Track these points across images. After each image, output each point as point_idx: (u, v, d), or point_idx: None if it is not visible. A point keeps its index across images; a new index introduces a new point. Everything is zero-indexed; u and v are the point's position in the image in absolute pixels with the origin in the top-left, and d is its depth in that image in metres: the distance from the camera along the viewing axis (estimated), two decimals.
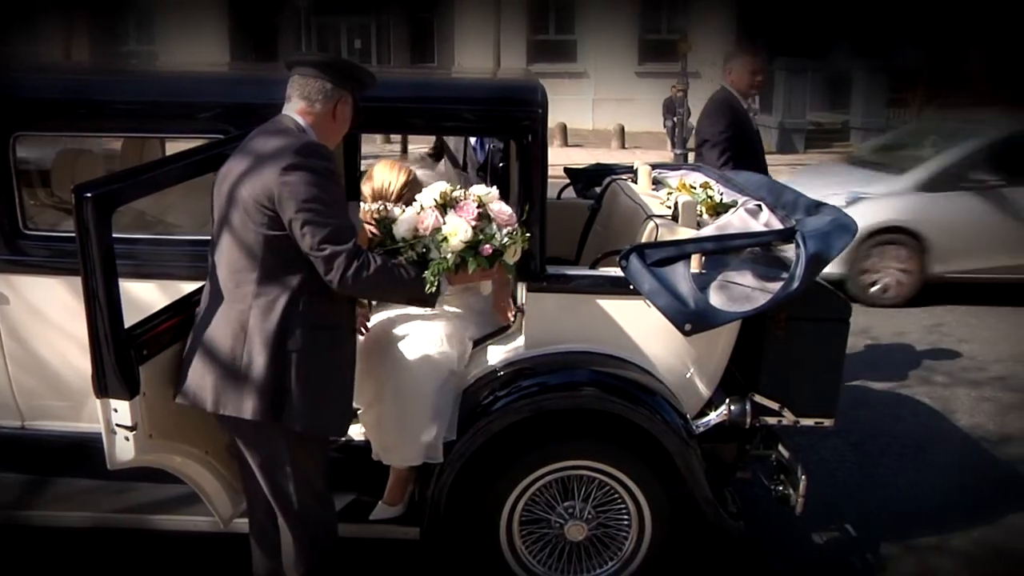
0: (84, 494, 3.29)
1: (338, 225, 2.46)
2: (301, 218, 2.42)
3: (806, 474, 3.36)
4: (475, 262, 2.68)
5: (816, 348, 3.34)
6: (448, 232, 2.66)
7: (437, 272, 2.63)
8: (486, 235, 2.71)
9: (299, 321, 2.53)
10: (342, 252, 2.44)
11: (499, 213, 2.74)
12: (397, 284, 2.60)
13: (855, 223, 3.41)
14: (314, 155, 2.47)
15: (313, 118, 2.61)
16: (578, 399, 3.22)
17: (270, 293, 2.52)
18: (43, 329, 3.25)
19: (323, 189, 2.44)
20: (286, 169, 2.42)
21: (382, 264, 2.53)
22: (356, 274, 2.45)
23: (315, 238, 2.43)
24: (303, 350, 2.54)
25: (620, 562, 3.36)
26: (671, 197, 3.62)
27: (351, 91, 2.66)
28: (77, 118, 3.27)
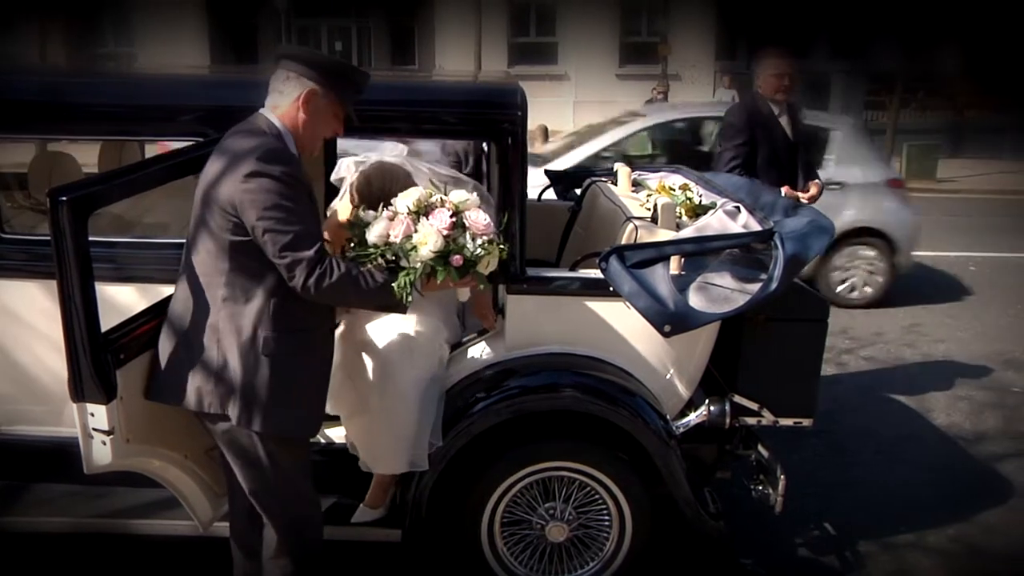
0: (63, 499, 3.25)
1: (300, 232, 2.40)
2: (262, 226, 2.38)
3: (785, 474, 3.38)
4: (443, 272, 2.55)
5: (794, 349, 3.35)
6: (418, 241, 2.54)
7: (404, 283, 2.52)
8: (457, 245, 2.57)
9: (270, 325, 2.50)
10: (303, 260, 2.39)
11: (475, 222, 2.60)
12: (362, 292, 2.51)
13: (832, 224, 3.44)
14: (275, 161, 2.41)
15: (281, 112, 2.54)
16: (558, 401, 3.22)
17: (239, 298, 2.49)
18: (20, 333, 3.22)
19: (284, 196, 2.39)
20: (247, 176, 2.38)
21: (346, 272, 2.45)
22: (318, 282, 2.41)
23: (276, 246, 2.39)
24: (274, 354, 2.51)
25: (601, 563, 3.37)
26: (650, 199, 3.63)
27: (321, 84, 2.53)
28: (54, 121, 3.23)
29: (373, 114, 3.18)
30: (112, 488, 3.22)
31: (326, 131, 2.63)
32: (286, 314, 2.51)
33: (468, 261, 2.57)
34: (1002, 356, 6.38)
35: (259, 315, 2.49)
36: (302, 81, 2.52)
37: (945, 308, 7.65)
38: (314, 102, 2.53)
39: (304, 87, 2.52)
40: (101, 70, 6.10)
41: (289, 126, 2.54)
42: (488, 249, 2.60)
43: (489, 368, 3.25)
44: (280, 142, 2.50)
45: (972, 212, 12.42)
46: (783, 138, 4.91)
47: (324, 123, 2.59)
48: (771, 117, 4.89)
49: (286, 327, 2.52)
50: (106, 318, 2.60)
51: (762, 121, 4.88)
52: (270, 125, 2.53)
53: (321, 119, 2.57)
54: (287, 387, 2.55)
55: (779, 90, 4.88)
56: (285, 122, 2.54)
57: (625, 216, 3.49)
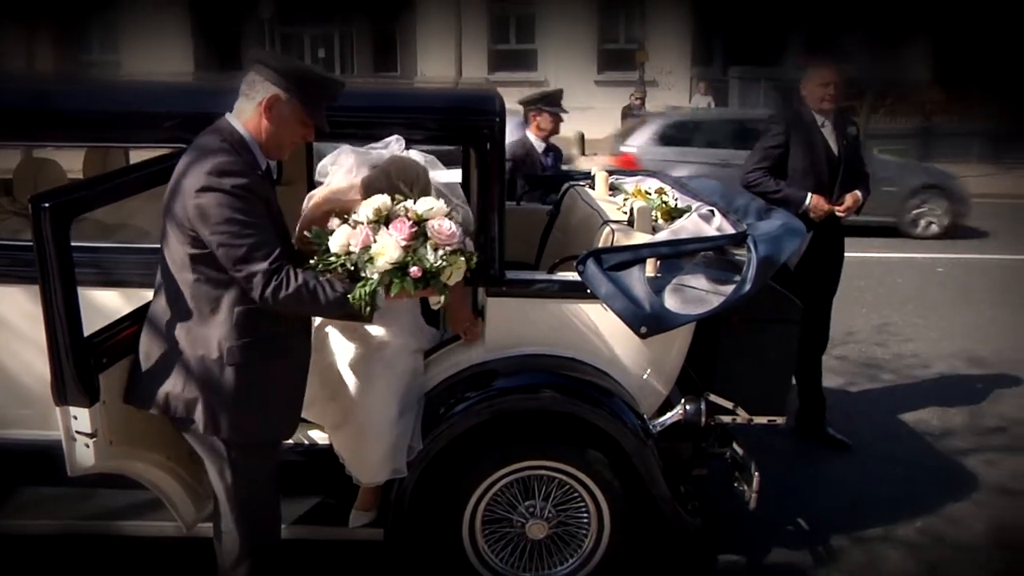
0: (50, 502, 3.24)
1: (254, 244, 2.34)
2: (216, 240, 2.34)
3: (759, 471, 3.40)
4: (399, 284, 2.41)
5: (768, 348, 3.37)
6: (375, 252, 2.41)
7: (360, 294, 2.40)
8: (416, 257, 2.43)
9: (235, 335, 2.45)
10: (257, 272, 2.34)
11: (438, 232, 2.45)
12: (320, 303, 2.42)
13: (804, 227, 3.46)
14: (227, 175, 2.34)
15: (245, 118, 2.48)
16: (538, 401, 3.22)
17: (204, 308, 2.45)
18: (6, 338, 3.19)
19: (236, 209, 2.32)
20: (198, 191, 2.33)
21: (303, 283, 2.38)
22: (274, 293, 2.35)
23: (230, 260, 2.35)
24: (239, 363, 2.47)
25: (580, 559, 3.37)
26: (627, 203, 3.64)
27: (285, 90, 2.45)
28: (39, 128, 3.20)
29: (354, 120, 3.19)
30: (99, 490, 3.20)
31: (292, 137, 2.56)
32: (252, 323, 2.46)
33: (428, 273, 2.44)
34: (968, 354, 6.44)
35: (224, 325, 2.45)
36: (267, 86, 2.45)
37: (914, 309, 7.71)
38: (278, 108, 2.46)
39: (268, 92, 2.45)
40: (85, 77, 6.05)
41: (252, 131, 2.48)
42: (450, 260, 2.46)
43: (469, 370, 3.24)
44: (236, 151, 2.42)
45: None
46: (824, 149, 4.66)
47: (289, 129, 2.52)
48: (813, 126, 4.67)
49: (252, 336, 2.47)
50: (90, 322, 2.59)
51: (803, 128, 4.68)
52: (232, 131, 2.46)
53: (285, 125, 2.50)
54: (254, 395, 2.51)
55: (824, 99, 4.64)
56: (249, 127, 2.48)
57: (602, 219, 3.50)
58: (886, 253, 7.66)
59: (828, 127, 4.68)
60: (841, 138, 4.68)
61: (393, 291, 2.41)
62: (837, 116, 4.72)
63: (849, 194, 4.64)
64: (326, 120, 2.55)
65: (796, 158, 4.65)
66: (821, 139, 4.65)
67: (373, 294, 2.40)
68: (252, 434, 2.57)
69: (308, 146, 4.82)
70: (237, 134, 2.46)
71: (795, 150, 4.65)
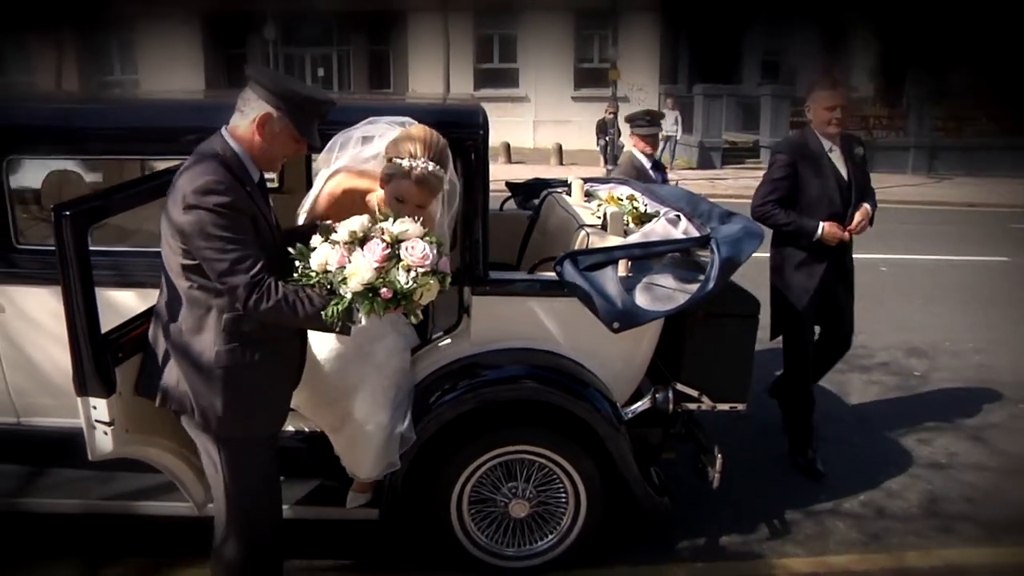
0: (74, 483, 3.22)
1: (236, 259, 2.28)
2: (202, 255, 2.30)
3: (722, 453, 3.40)
4: (368, 305, 2.29)
5: (730, 341, 3.36)
6: (348, 273, 2.29)
7: (333, 312, 2.30)
8: (389, 279, 2.30)
9: (224, 339, 2.41)
10: (239, 285, 2.29)
11: (411, 253, 2.33)
12: (298, 316, 2.33)
13: (762, 230, 3.46)
14: (211, 193, 2.27)
15: (239, 133, 2.41)
16: (519, 391, 3.20)
17: (198, 312, 2.42)
18: (36, 334, 3.17)
19: (219, 226, 2.27)
20: (185, 209, 2.29)
21: (283, 296, 2.31)
22: (256, 305, 2.30)
23: (215, 273, 2.31)
24: (230, 367, 2.43)
25: (559, 535, 3.35)
26: (601, 208, 3.63)
27: (277, 109, 2.37)
28: (65, 142, 3.19)
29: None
30: (119, 473, 3.19)
31: (284, 152, 2.48)
32: (241, 329, 2.42)
33: (399, 294, 2.31)
34: (908, 345, 6.48)
35: (214, 329, 2.41)
36: (260, 104, 2.38)
37: (861, 304, 7.64)
38: (270, 125, 2.39)
39: (262, 110, 2.38)
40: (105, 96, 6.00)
41: (245, 146, 2.41)
42: (421, 282, 2.32)
43: (456, 363, 3.22)
44: (227, 166, 2.35)
45: (884, 219, 12.52)
46: (833, 174, 4.17)
47: (281, 145, 2.44)
48: (820, 153, 4.17)
49: (241, 340, 2.43)
50: (111, 320, 2.61)
51: (809, 156, 4.17)
52: (225, 146, 2.40)
53: (277, 141, 2.42)
54: (242, 396, 2.47)
55: (830, 123, 4.12)
56: (242, 142, 2.41)
57: (578, 224, 3.48)
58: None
59: (836, 151, 4.21)
60: (849, 161, 4.21)
61: (362, 311, 2.30)
62: (844, 138, 4.26)
63: (859, 210, 4.21)
64: (318, 136, 2.48)
65: (806, 187, 4.18)
66: (830, 165, 4.18)
67: (348, 312, 2.31)
68: (241, 431, 2.52)
69: (307, 156, 4.79)
70: (230, 149, 2.40)
71: (804, 179, 4.18)
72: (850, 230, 4.20)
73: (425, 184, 2.69)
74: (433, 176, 2.69)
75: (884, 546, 3.72)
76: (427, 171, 2.67)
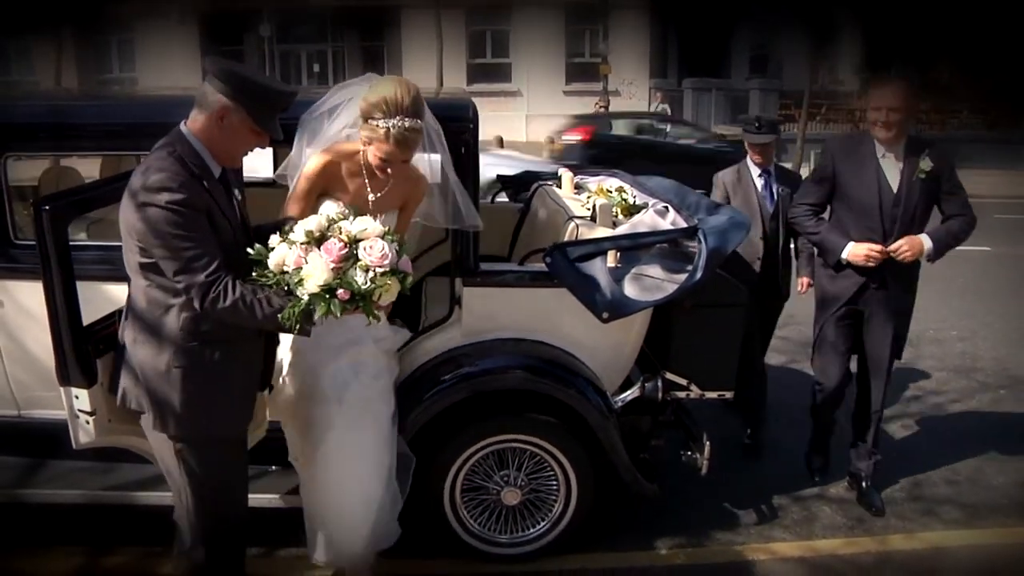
0: (74, 474, 3.22)
1: (191, 256, 2.20)
2: (157, 253, 2.22)
3: (710, 441, 3.39)
4: (325, 307, 2.18)
5: (717, 330, 3.35)
6: (305, 274, 2.19)
7: (289, 315, 2.20)
8: (346, 279, 2.19)
9: (182, 339, 2.33)
10: (194, 284, 2.21)
11: (369, 253, 2.22)
12: (256, 317, 2.24)
13: (749, 220, 3.44)
14: (164, 190, 2.18)
15: (198, 127, 2.31)
16: (510, 381, 3.19)
17: (156, 312, 2.34)
18: (35, 328, 3.11)
19: (172, 224, 2.18)
20: (138, 207, 2.20)
21: (240, 296, 2.22)
22: (212, 304, 2.22)
23: (170, 272, 2.23)
24: (187, 367, 2.34)
25: (550, 522, 3.35)
26: (590, 200, 3.61)
27: (235, 101, 2.27)
28: (62, 139, 3.17)
29: None
30: (117, 464, 3.18)
31: (244, 146, 2.37)
32: (199, 328, 2.33)
33: (357, 295, 2.20)
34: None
35: (172, 329, 2.33)
36: (218, 98, 2.28)
37: None
38: (228, 119, 2.29)
39: (220, 103, 2.28)
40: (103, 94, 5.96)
41: (204, 140, 2.31)
42: (380, 282, 2.22)
43: (448, 353, 3.20)
44: (183, 162, 2.26)
45: None
46: (877, 183, 3.55)
47: (240, 139, 2.34)
48: (868, 157, 3.57)
49: (200, 340, 2.34)
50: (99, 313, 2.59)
51: (855, 157, 3.61)
52: (183, 141, 2.31)
53: (236, 135, 2.32)
54: (201, 397, 2.38)
55: (877, 125, 3.50)
56: (201, 137, 2.31)
57: (568, 215, 3.46)
58: None
59: (890, 159, 3.56)
60: (908, 172, 3.54)
61: (319, 313, 2.19)
62: (912, 146, 3.58)
63: (908, 237, 3.53)
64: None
65: (844, 194, 3.64)
66: (874, 171, 3.55)
67: (307, 314, 2.21)
68: (201, 432, 2.43)
69: None
70: (189, 145, 2.31)
71: (843, 184, 3.63)
72: (889, 252, 3.56)
73: (404, 142, 2.60)
74: (411, 132, 2.59)
75: (868, 530, 3.73)
76: (404, 129, 2.56)
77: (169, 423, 2.38)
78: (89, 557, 3.34)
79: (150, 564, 3.27)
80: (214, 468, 2.48)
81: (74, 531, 3.43)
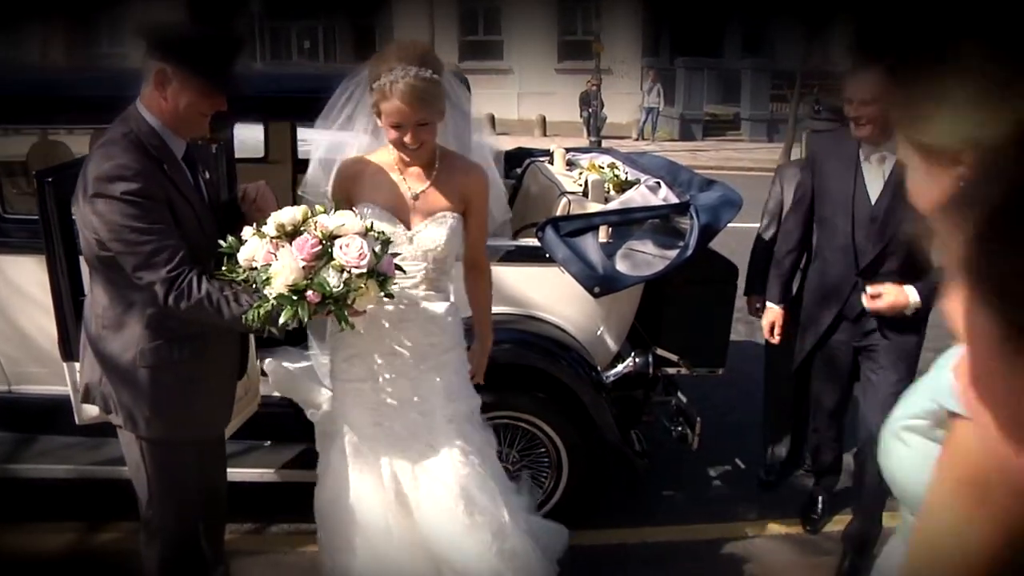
0: (65, 450, 3.20)
1: (150, 251, 2.01)
2: (115, 247, 2.03)
3: (700, 417, 3.40)
4: (292, 310, 1.93)
5: (708, 307, 3.36)
6: (273, 272, 1.95)
7: (255, 316, 1.98)
8: (315, 281, 1.94)
9: (148, 336, 2.16)
10: (155, 280, 2.02)
11: (344, 252, 1.96)
12: (223, 317, 2.05)
13: (741, 198, 3.44)
14: (117, 179, 1.99)
15: (147, 100, 2.09)
16: (502, 356, 3.17)
17: (119, 308, 2.16)
18: (24, 303, 3.12)
19: (129, 216, 1.99)
20: (91, 198, 2.01)
21: (205, 294, 2.03)
22: (176, 302, 2.03)
23: (130, 267, 2.04)
24: (154, 366, 2.18)
25: (542, 498, 3.36)
26: (582, 176, 3.60)
27: (166, 61, 2.03)
28: (50, 112, 3.12)
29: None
30: (106, 440, 3.13)
31: (199, 109, 2.11)
32: (165, 325, 2.16)
33: (328, 298, 1.96)
34: None
35: (137, 326, 2.16)
36: (153, 63, 2.05)
37: None
38: (168, 82, 2.05)
39: (154, 68, 2.05)
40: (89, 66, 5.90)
41: (156, 113, 2.09)
42: (354, 285, 1.96)
43: None
44: (139, 145, 2.06)
45: None
46: (856, 195, 2.85)
47: (190, 102, 2.08)
48: (849, 158, 2.86)
49: (166, 337, 2.17)
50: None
51: (835, 160, 2.93)
52: (139, 120, 2.10)
53: (184, 99, 2.07)
54: (170, 396, 2.22)
55: (860, 124, 2.73)
56: (152, 110, 2.10)
57: (559, 191, 3.45)
58: None
59: (873, 164, 2.84)
60: (895, 180, 2.75)
61: (284, 316, 1.95)
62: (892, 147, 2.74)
63: (885, 287, 2.78)
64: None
65: (819, 203, 3.02)
66: (852, 178, 2.87)
67: (272, 318, 1.98)
68: (171, 433, 2.28)
69: (292, 125, 4.71)
70: (145, 123, 2.10)
71: (819, 191, 3.01)
72: (866, 300, 2.81)
73: (414, 95, 2.10)
74: (421, 82, 2.09)
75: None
76: (411, 79, 2.09)
77: (138, 423, 2.23)
78: (79, 533, 3.33)
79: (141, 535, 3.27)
80: (182, 467, 2.34)
81: (64, 507, 3.42)
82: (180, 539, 2.44)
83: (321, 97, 2.42)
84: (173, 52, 2.05)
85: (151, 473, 2.31)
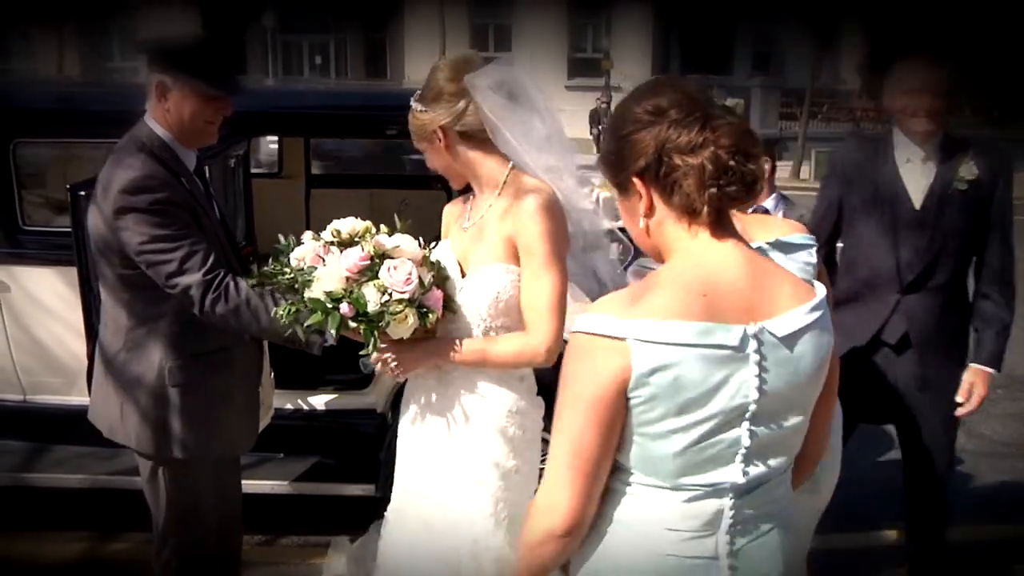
0: (78, 459, 3.23)
1: (184, 256, 1.98)
2: (144, 260, 2.00)
3: None
4: (320, 316, 1.83)
5: None
6: (316, 275, 1.88)
7: (287, 311, 1.89)
8: (354, 295, 1.83)
9: (174, 354, 2.11)
10: (192, 284, 1.97)
11: (391, 273, 1.83)
12: (260, 322, 2.00)
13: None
14: (141, 191, 1.97)
15: (153, 114, 2.09)
16: None
17: (143, 326, 2.12)
18: (41, 314, 3.17)
19: (158, 226, 1.97)
20: (116, 214, 1.98)
21: (245, 298, 1.99)
22: (212, 307, 1.98)
23: (162, 277, 2.00)
24: (183, 384, 2.13)
25: None
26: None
27: (163, 71, 2.04)
28: (70, 125, 3.18)
29: (345, 116, 3.20)
30: (121, 450, 3.16)
31: (204, 117, 2.09)
32: (194, 338, 2.12)
33: (363, 315, 1.84)
34: None
35: (164, 343, 2.11)
36: (153, 76, 2.05)
37: None
38: (168, 92, 2.05)
39: (154, 81, 2.05)
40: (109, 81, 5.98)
41: (163, 126, 2.09)
42: (393, 309, 1.82)
43: None
44: (154, 157, 2.05)
45: None
46: (895, 204, 2.45)
47: (194, 110, 2.06)
48: (884, 166, 2.48)
49: (194, 352, 2.13)
50: None
51: (872, 167, 2.51)
52: (150, 134, 2.09)
53: (187, 107, 2.05)
54: (201, 414, 2.17)
55: (916, 113, 2.41)
56: (160, 122, 2.09)
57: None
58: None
59: (915, 163, 2.46)
60: (942, 182, 2.41)
61: (311, 320, 1.84)
62: (946, 145, 2.45)
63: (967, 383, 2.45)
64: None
65: (863, 216, 2.51)
66: (891, 183, 2.46)
67: (297, 319, 1.90)
68: (200, 452, 2.21)
69: (306, 141, 4.77)
70: (156, 137, 2.08)
71: (856, 202, 2.53)
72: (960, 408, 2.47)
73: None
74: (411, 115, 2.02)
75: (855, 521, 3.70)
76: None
77: (164, 444, 2.16)
78: (93, 542, 3.36)
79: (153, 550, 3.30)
80: (207, 486, 2.29)
81: (78, 516, 3.45)
82: (194, 553, 2.41)
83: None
84: (168, 61, 2.06)
85: (170, 492, 2.26)
